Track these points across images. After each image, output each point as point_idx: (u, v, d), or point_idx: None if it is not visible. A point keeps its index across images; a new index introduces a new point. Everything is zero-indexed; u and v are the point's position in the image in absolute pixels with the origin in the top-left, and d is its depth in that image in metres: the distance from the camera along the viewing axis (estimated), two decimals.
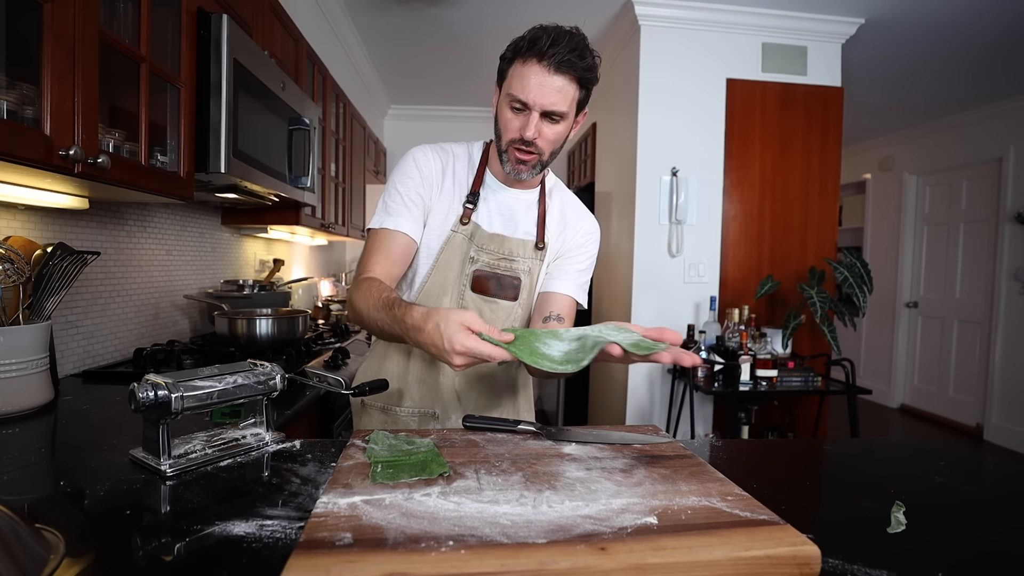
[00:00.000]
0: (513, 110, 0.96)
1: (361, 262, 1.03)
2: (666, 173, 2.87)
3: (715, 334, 2.77)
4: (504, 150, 1.00)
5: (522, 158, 0.99)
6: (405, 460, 0.70)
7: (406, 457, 0.71)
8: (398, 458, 0.70)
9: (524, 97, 0.93)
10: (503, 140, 1.00)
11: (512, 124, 0.97)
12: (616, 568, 0.48)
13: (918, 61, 3.34)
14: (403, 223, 1.02)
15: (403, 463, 0.69)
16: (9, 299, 1.04)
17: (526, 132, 0.95)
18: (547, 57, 0.90)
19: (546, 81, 0.92)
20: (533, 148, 0.97)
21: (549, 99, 0.93)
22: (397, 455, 0.71)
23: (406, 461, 0.69)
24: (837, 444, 0.99)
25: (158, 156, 1.30)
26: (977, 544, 0.62)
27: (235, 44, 1.41)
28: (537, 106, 0.93)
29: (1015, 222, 3.96)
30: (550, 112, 0.94)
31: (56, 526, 0.57)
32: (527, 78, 0.92)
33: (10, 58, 0.98)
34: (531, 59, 0.92)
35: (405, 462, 0.69)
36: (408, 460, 0.70)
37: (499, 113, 1.00)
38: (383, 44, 3.35)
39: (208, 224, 2.11)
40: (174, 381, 0.72)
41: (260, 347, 1.65)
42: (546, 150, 0.99)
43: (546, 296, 1.11)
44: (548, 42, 0.90)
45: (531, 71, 0.92)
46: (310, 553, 0.47)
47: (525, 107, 0.94)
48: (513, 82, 0.95)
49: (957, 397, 4.49)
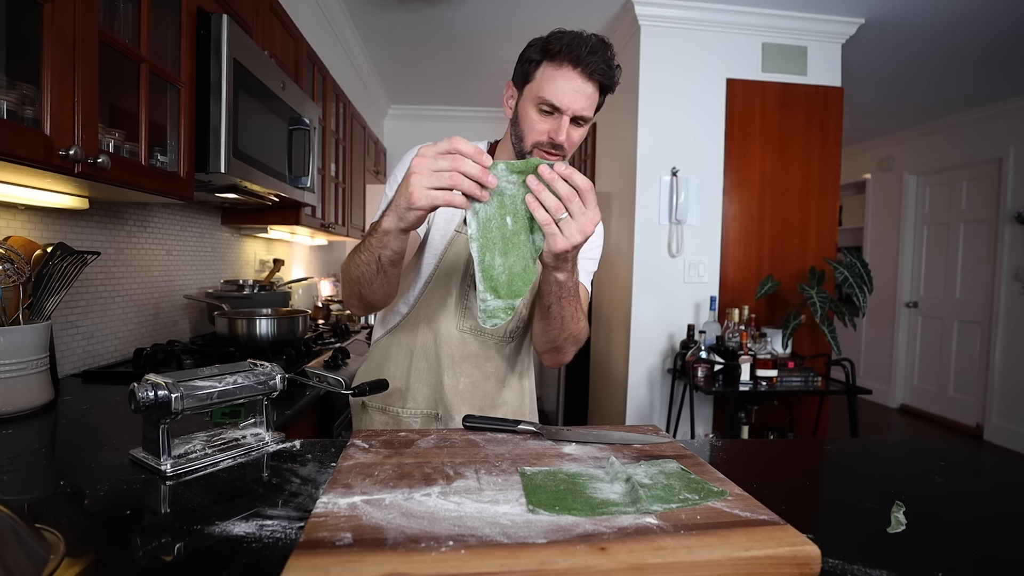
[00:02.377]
0: (542, 112, 0.95)
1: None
2: (666, 173, 2.87)
3: (715, 334, 2.77)
4: (528, 151, 0.99)
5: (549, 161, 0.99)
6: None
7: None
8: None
9: (558, 102, 0.92)
10: (526, 141, 0.98)
11: (539, 126, 0.96)
12: (616, 568, 0.48)
13: (918, 61, 3.34)
14: None
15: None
16: (9, 299, 1.04)
17: (558, 137, 0.94)
18: (583, 64, 0.91)
19: (580, 87, 0.92)
20: (561, 151, 0.97)
21: (581, 104, 0.93)
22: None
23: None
24: (837, 444, 0.99)
25: (158, 156, 1.30)
26: (977, 544, 0.62)
27: (235, 44, 1.41)
28: (570, 111, 0.93)
29: (1015, 222, 3.96)
30: (579, 117, 0.94)
31: (56, 526, 0.57)
32: (561, 83, 0.92)
33: (10, 58, 0.98)
34: (566, 64, 0.91)
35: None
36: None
37: (522, 114, 0.98)
38: (383, 44, 3.35)
39: (208, 224, 2.11)
40: (174, 381, 0.72)
41: (260, 347, 1.65)
42: (569, 152, 1.00)
43: None
44: (587, 50, 0.90)
45: (566, 76, 0.92)
46: (310, 553, 0.47)
47: (556, 111, 0.94)
48: (544, 85, 0.94)
49: (957, 397, 4.50)
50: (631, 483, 0.64)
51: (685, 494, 0.61)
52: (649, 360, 2.94)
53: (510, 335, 1.11)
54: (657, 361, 2.95)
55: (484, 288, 0.75)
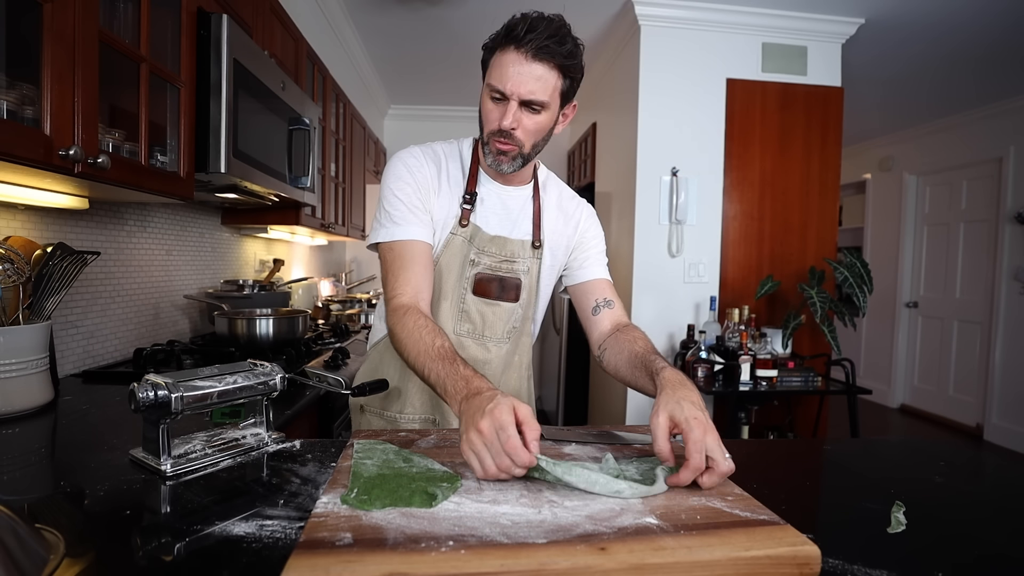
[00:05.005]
0: (493, 100, 0.94)
1: (386, 282, 0.98)
2: (666, 173, 2.87)
3: (715, 334, 2.77)
4: (486, 142, 0.98)
5: (502, 149, 0.96)
6: (381, 484, 0.61)
7: (392, 476, 0.63)
8: (383, 474, 0.64)
9: (501, 86, 0.90)
10: (484, 132, 0.97)
11: (492, 115, 0.94)
12: (616, 568, 0.48)
13: (918, 61, 3.33)
14: (414, 230, 0.99)
15: (381, 486, 0.61)
16: (9, 299, 1.04)
17: (503, 122, 0.92)
18: (524, 44, 0.87)
19: (523, 69, 0.89)
20: (512, 140, 0.94)
21: (527, 87, 0.89)
22: (385, 472, 0.65)
23: (383, 485, 0.61)
24: (837, 444, 0.99)
25: (158, 156, 1.30)
26: (977, 545, 0.62)
27: (235, 44, 1.41)
28: (515, 95, 0.90)
29: (1015, 222, 3.96)
30: (529, 101, 0.91)
31: (56, 526, 0.57)
32: (504, 67, 0.90)
33: (10, 58, 0.98)
34: (508, 47, 0.89)
35: (382, 486, 0.61)
36: (386, 484, 0.61)
37: (482, 106, 0.98)
38: (383, 44, 3.35)
39: (208, 224, 2.11)
40: (174, 381, 0.72)
41: (260, 347, 1.65)
42: (526, 142, 0.96)
43: (584, 286, 1.12)
44: (524, 28, 0.88)
45: (508, 59, 0.89)
46: (310, 553, 0.47)
47: (504, 97, 0.91)
48: (492, 72, 0.92)
49: (957, 397, 4.49)
50: (620, 475, 0.65)
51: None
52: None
53: (507, 335, 1.11)
54: None
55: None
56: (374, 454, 0.71)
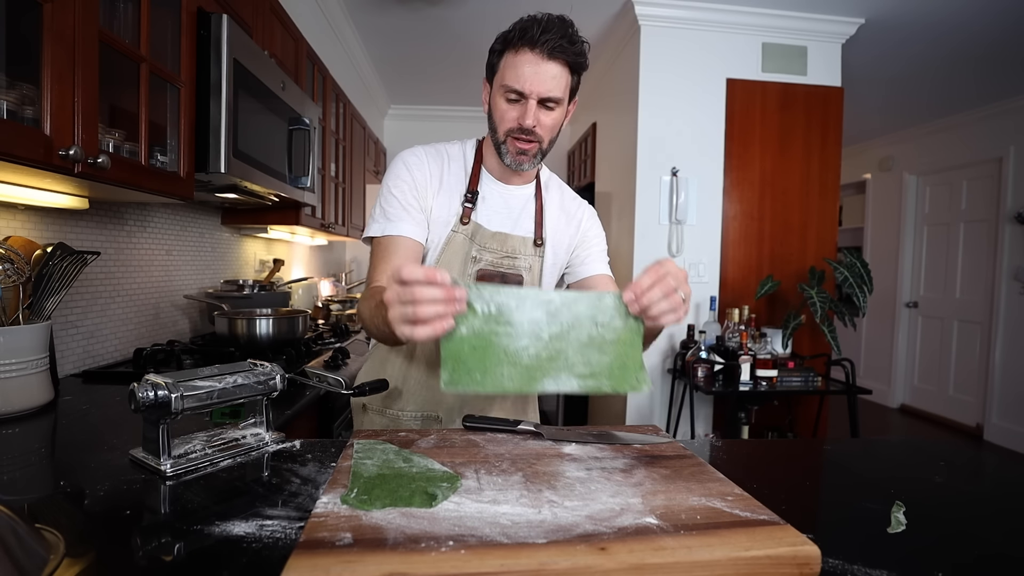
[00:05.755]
0: (508, 100, 0.96)
1: (368, 273, 1.03)
2: (666, 173, 2.87)
3: (715, 334, 2.77)
4: (502, 141, 1.00)
5: (522, 147, 0.99)
6: (381, 484, 0.62)
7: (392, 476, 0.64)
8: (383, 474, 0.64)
9: (519, 86, 0.93)
10: (499, 132, 1.00)
11: (508, 114, 0.97)
12: (616, 568, 0.48)
13: (918, 61, 3.34)
14: (405, 227, 1.02)
15: (382, 486, 0.61)
16: (9, 299, 1.04)
17: (525, 120, 0.95)
18: (540, 44, 0.91)
19: (540, 68, 0.92)
20: (533, 136, 0.98)
21: (545, 86, 0.93)
22: (385, 472, 0.65)
23: (383, 485, 0.62)
24: (837, 444, 0.99)
25: (158, 156, 1.30)
26: (978, 545, 0.62)
27: (235, 44, 1.41)
28: (534, 94, 0.94)
29: (1015, 222, 3.96)
30: (546, 99, 0.95)
31: (56, 526, 0.57)
32: (521, 67, 0.93)
33: (10, 58, 0.98)
34: (523, 48, 0.92)
35: (382, 486, 0.61)
36: (387, 484, 0.62)
37: (493, 106, 1.00)
38: (383, 44, 3.35)
39: (208, 224, 2.11)
40: (174, 381, 0.72)
41: (260, 347, 1.65)
42: (545, 137, 1.00)
43: (586, 282, 1.14)
44: (539, 29, 0.91)
45: (524, 59, 0.93)
46: (310, 553, 0.47)
47: (521, 96, 0.95)
48: (506, 72, 0.95)
49: (957, 397, 4.49)
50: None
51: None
52: (649, 360, 2.94)
53: None
54: (657, 361, 2.95)
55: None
56: (374, 454, 0.72)
